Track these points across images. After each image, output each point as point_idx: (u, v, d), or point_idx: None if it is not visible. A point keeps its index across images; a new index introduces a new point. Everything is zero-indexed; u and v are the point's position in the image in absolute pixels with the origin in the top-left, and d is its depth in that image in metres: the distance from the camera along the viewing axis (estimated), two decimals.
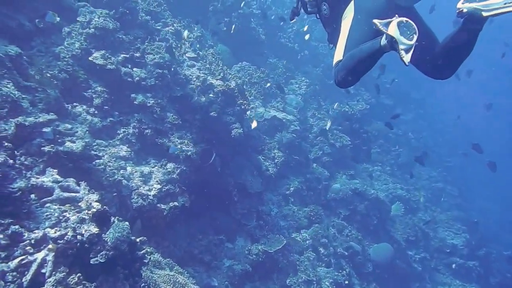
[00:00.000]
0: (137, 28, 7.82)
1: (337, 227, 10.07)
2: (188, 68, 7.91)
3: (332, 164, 10.76)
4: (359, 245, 9.90)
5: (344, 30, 2.65)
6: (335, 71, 2.54)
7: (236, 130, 7.79)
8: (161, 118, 6.94)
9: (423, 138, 18.44)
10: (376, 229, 10.90)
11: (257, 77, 10.11)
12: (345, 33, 2.61)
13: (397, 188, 13.21)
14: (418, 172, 17.17)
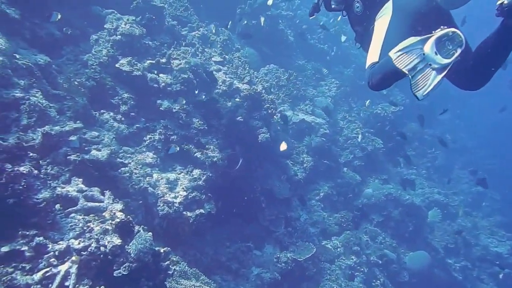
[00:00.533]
0: (164, 33, 7.82)
1: (370, 234, 9.68)
2: (215, 73, 7.80)
3: (364, 168, 10.37)
4: (393, 253, 9.46)
5: (380, 30, 2.53)
6: (370, 73, 2.43)
7: (263, 135, 7.61)
8: (187, 124, 6.86)
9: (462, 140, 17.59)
10: (412, 236, 10.40)
11: (285, 80, 9.89)
12: (382, 34, 2.49)
13: (434, 192, 12.57)
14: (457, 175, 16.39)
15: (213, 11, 10.83)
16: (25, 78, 4.98)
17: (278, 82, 9.92)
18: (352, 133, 10.58)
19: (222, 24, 10.71)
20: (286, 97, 9.77)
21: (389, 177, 10.80)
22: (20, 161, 3.77)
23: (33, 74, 5.17)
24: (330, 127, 10.44)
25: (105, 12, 6.86)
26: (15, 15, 5.38)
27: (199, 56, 7.75)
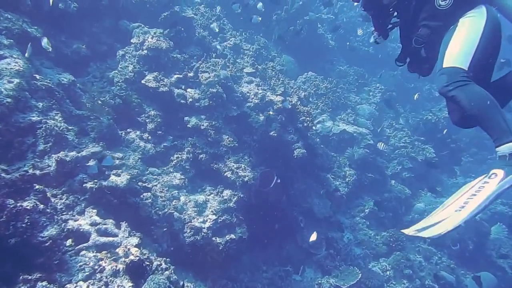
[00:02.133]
0: (194, 45, 7.49)
1: (423, 254, 8.71)
2: (246, 85, 7.34)
3: (414, 180, 9.41)
4: (452, 275, 8.43)
5: (471, 33, 2.30)
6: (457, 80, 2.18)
7: (298, 150, 7.01)
8: (216, 141, 6.43)
9: None
10: (473, 255, 9.25)
11: (324, 88, 9.22)
12: (474, 40, 2.27)
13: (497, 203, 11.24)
14: None
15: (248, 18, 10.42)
16: (45, 99, 4.79)
17: (317, 91, 9.27)
18: (400, 142, 9.66)
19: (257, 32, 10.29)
20: (326, 106, 9.09)
21: (444, 190, 9.73)
22: (24, 195, 3.48)
23: (53, 95, 4.97)
24: (375, 136, 9.61)
25: (131, 26, 6.62)
26: (37, 34, 5.22)
27: (229, 68, 7.32)
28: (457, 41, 2.30)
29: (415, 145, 9.68)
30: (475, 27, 2.30)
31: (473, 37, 2.27)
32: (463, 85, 2.17)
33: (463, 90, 2.15)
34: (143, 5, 7.25)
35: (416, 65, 2.80)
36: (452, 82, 2.18)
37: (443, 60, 2.29)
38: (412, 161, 9.40)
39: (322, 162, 8.04)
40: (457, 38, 2.31)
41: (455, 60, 2.25)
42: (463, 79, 2.18)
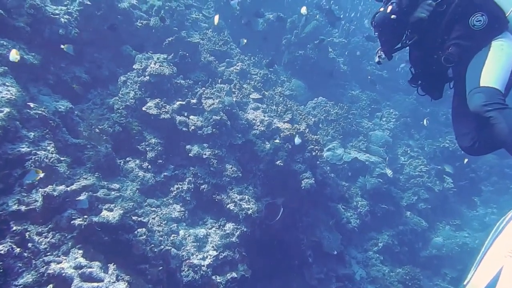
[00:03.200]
0: (199, 70, 7.29)
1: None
2: (252, 111, 7.07)
3: (431, 212, 8.88)
4: None
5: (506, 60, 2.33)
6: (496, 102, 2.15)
7: (306, 180, 6.63)
8: (219, 171, 6.11)
9: None
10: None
11: (334, 114, 8.89)
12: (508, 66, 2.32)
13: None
14: None
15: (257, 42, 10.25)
16: (37, 129, 4.57)
17: (327, 117, 8.94)
18: (415, 171, 9.18)
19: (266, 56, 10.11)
20: (336, 133, 8.73)
21: (463, 222, 9.15)
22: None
23: (47, 124, 4.76)
24: (389, 164, 9.17)
25: (134, 52, 6.47)
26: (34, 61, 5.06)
27: (235, 94, 7.08)
28: (494, 64, 2.29)
29: (432, 174, 9.18)
30: (509, 55, 2.31)
31: (509, 62, 2.29)
32: (502, 108, 2.12)
33: (502, 113, 2.10)
34: (148, 31, 7.12)
35: (428, 87, 2.76)
36: (491, 102, 2.12)
37: (480, 79, 2.25)
38: (429, 191, 8.89)
39: (332, 193, 7.62)
40: (494, 60, 2.30)
41: (493, 81, 2.22)
42: (502, 101, 2.15)
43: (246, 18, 8.63)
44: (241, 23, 9.90)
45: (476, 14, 2.41)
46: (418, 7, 2.54)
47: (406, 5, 2.56)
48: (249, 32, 10.15)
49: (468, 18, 2.43)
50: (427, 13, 2.53)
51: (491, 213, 11.40)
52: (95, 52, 6.24)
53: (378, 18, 2.68)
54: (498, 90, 2.21)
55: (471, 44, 2.47)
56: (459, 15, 2.47)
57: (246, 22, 8.28)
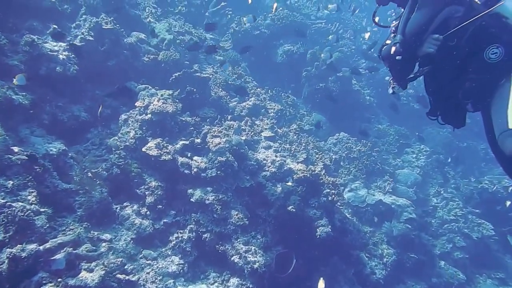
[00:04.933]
0: (208, 106, 6.89)
1: None
2: (263, 151, 6.53)
3: (469, 262, 7.84)
4: None
5: None
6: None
7: (322, 228, 5.94)
8: (223, 218, 5.56)
9: None
10: None
11: (357, 151, 8.19)
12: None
13: None
14: None
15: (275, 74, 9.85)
16: (19, 176, 4.22)
17: (349, 154, 8.24)
18: (450, 215, 8.23)
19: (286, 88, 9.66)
20: (359, 172, 8.00)
21: (508, 276, 8.01)
22: None
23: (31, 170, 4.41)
24: (419, 206, 8.28)
25: (138, 88, 6.16)
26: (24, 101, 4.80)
27: (246, 131, 6.59)
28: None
29: (469, 219, 8.19)
30: None
31: None
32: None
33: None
34: (156, 65, 6.84)
35: (448, 118, 2.63)
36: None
37: (508, 119, 2.11)
38: (466, 238, 7.89)
39: (353, 239, 6.84)
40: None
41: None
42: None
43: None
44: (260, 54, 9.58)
45: (491, 46, 2.24)
46: (425, 42, 2.41)
47: (410, 43, 2.45)
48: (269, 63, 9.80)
49: (483, 51, 2.26)
50: (434, 48, 2.40)
51: None
52: (97, 89, 5.98)
53: (384, 53, 2.58)
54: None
55: (489, 78, 2.32)
56: (472, 48, 2.31)
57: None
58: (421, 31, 2.44)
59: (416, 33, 2.45)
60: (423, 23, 2.45)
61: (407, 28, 2.47)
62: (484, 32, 2.29)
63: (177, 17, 8.57)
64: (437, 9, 2.43)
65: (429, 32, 2.42)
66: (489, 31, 2.29)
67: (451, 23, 2.39)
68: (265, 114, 7.47)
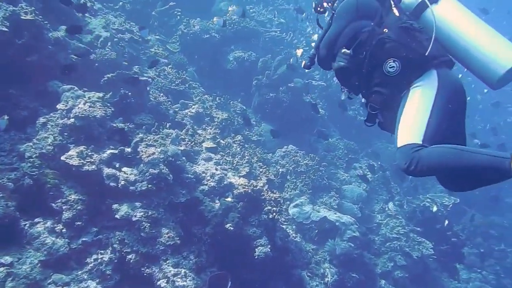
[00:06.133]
0: (145, 112, 6.33)
1: None
2: (203, 163, 6.08)
3: (409, 281, 7.81)
4: None
5: (422, 104, 2.20)
6: (414, 156, 2.05)
7: (261, 248, 5.57)
8: (152, 237, 5.02)
9: None
10: None
11: (304, 165, 7.94)
12: (426, 110, 2.16)
13: None
14: None
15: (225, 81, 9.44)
16: None
17: (296, 168, 7.98)
18: (392, 233, 8.19)
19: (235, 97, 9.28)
20: (305, 187, 7.76)
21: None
22: None
23: None
24: (364, 223, 8.18)
25: (61, 89, 5.48)
26: None
27: (185, 141, 6.11)
28: (408, 116, 2.23)
29: (410, 237, 8.20)
30: (425, 97, 2.22)
31: (423, 109, 2.19)
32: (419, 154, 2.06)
33: (421, 159, 2.05)
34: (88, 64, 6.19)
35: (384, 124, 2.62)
36: (409, 161, 2.07)
37: (397, 139, 2.21)
38: (407, 257, 7.87)
39: (294, 260, 6.54)
40: (408, 112, 2.24)
41: (407, 136, 2.17)
42: (416, 149, 2.09)
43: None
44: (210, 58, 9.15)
45: (388, 61, 2.33)
46: (337, 56, 2.53)
47: (322, 57, 2.63)
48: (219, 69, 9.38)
49: (382, 65, 2.35)
50: (345, 61, 2.51)
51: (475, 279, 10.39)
52: (12, 87, 5.24)
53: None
54: (411, 144, 2.12)
55: (390, 91, 2.41)
56: (374, 62, 2.40)
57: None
58: (331, 45, 2.57)
59: (326, 47, 2.59)
60: (332, 37, 2.57)
61: (321, 42, 2.61)
62: (383, 46, 2.35)
63: (117, 13, 7.93)
64: (345, 24, 2.54)
65: (338, 46, 2.52)
66: (387, 46, 2.34)
67: (359, 37, 2.45)
68: (209, 123, 7.03)
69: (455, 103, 2.24)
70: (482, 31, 2.23)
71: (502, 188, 14.29)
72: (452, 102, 2.21)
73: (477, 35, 2.21)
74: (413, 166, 2.07)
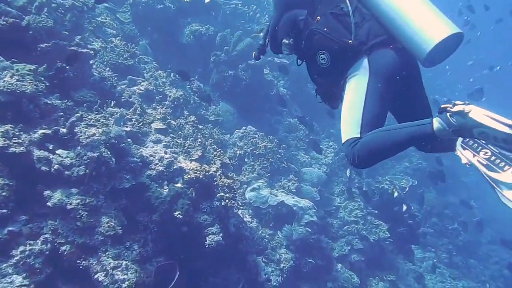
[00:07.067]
0: (87, 88, 5.74)
1: None
2: (151, 145, 5.62)
3: (365, 264, 7.83)
4: None
5: (356, 96, 2.17)
6: (353, 151, 2.09)
7: (212, 237, 5.27)
8: (91, 227, 4.58)
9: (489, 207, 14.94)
10: None
11: (263, 148, 7.64)
12: (360, 102, 2.14)
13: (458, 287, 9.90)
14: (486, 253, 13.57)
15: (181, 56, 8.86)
16: None
17: (254, 150, 7.66)
18: (351, 216, 8.13)
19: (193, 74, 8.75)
20: (263, 170, 7.48)
21: (398, 277, 8.19)
22: None
23: None
24: (323, 206, 8.07)
25: None
26: None
27: (132, 121, 5.61)
28: (344, 110, 2.23)
29: (368, 220, 8.18)
30: (356, 89, 2.19)
31: (357, 101, 2.15)
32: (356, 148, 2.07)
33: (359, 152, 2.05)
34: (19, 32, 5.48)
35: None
36: (350, 156, 2.10)
37: (341, 132, 2.22)
38: (364, 240, 7.86)
39: (249, 246, 6.31)
40: (344, 106, 2.24)
41: (345, 133, 2.18)
42: (354, 144, 2.10)
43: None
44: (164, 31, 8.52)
45: (319, 53, 2.33)
46: (281, 46, 2.61)
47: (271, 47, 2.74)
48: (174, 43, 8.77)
49: (315, 57, 2.36)
50: (287, 51, 2.60)
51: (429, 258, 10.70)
52: None
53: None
54: (350, 139, 2.14)
55: (327, 82, 2.46)
56: (309, 53, 2.42)
57: None
58: (272, 36, 2.66)
59: (270, 38, 2.69)
60: (272, 28, 2.65)
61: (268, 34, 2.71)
62: (312, 38, 2.33)
63: None
64: (277, 15, 2.60)
65: (279, 36, 2.59)
66: (316, 38, 2.31)
67: (299, 25, 2.45)
68: (161, 102, 6.52)
69: (394, 83, 2.14)
70: (416, 6, 2.06)
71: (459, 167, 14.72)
72: (389, 83, 2.12)
73: (408, 10, 2.05)
74: (356, 161, 2.10)
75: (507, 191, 1.55)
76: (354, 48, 2.17)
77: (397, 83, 2.14)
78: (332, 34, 2.23)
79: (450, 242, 11.49)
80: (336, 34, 2.22)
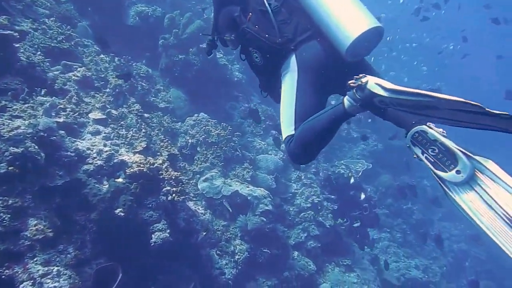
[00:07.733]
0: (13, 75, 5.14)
1: None
2: (89, 137, 5.15)
3: (321, 251, 7.80)
4: None
5: (288, 94, 2.22)
6: (290, 148, 2.14)
7: (158, 234, 4.95)
8: (15, 231, 4.11)
9: None
10: None
11: (215, 135, 7.30)
12: (291, 99, 2.19)
13: (411, 267, 10.19)
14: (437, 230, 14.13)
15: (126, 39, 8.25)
16: None
17: (207, 139, 7.32)
18: (307, 202, 8.05)
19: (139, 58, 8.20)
20: (217, 159, 7.17)
21: (354, 262, 8.26)
22: None
23: None
24: (279, 194, 7.91)
25: None
26: None
27: (67, 111, 5.09)
28: (280, 110, 2.26)
29: (324, 206, 8.13)
30: (289, 86, 2.21)
31: (289, 99, 2.20)
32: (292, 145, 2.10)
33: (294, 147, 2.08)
34: None
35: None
36: (289, 154, 2.15)
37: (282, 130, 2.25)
38: (320, 227, 7.81)
39: (201, 240, 6.04)
40: (280, 106, 2.27)
41: (283, 132, 2.21)
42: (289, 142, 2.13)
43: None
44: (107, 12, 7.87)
45: (252, 51, 2.35)
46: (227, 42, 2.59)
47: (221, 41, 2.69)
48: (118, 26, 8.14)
49: (251, 54, 2.38)
50: (231, 46, 2.58)
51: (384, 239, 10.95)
52: None
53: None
54: (286, 137, 2.17)
55: (265, 78, 2.50)
56: (245, 50, 2.45)
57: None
58: (216, 31, 2.67)
59: (215, 33, 2.68)
60: (214, 24, 2.66)
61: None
62: (244, 37, 2.35)
63: None
64: (215, 12, 2.60)
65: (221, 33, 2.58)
66: (247, 37, 2.33)
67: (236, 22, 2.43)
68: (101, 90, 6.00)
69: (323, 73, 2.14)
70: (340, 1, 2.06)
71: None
72: (318, 74, 2.14)
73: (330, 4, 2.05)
74: (295, 157, 2.14)
75: (452, 190, 1.58)
76: (282, 46, 2.20)
77: (327, 71, 2.15)
78: (261, 33, 2.26)
79: (404, 221, 11.81)
80: (265, 33, 2.24)
